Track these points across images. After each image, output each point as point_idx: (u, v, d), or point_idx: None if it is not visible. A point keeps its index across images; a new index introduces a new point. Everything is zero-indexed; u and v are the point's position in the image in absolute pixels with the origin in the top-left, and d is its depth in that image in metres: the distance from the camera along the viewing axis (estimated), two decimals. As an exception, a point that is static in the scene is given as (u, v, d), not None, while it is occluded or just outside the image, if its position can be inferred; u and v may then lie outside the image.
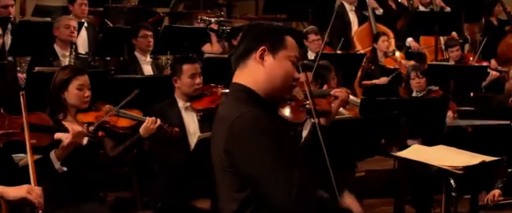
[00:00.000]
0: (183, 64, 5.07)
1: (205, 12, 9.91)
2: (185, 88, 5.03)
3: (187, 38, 7.32)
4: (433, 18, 9.22)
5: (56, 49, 6.42)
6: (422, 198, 5.83)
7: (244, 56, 2.73)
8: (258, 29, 2.79)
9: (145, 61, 6.80)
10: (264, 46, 2.69)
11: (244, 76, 2.73)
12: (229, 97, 2.77)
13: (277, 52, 2.70)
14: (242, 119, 2.58)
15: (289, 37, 2.75)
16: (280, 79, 2.71)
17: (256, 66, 2.70)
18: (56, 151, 3.66)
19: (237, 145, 2.59)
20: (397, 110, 5.35)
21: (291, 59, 2.73)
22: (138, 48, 6.83)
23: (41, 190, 3.33)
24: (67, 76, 4.31)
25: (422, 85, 6.66)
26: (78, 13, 7.67)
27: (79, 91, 4.32)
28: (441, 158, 3.69)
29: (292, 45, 2.75)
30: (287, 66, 2.72)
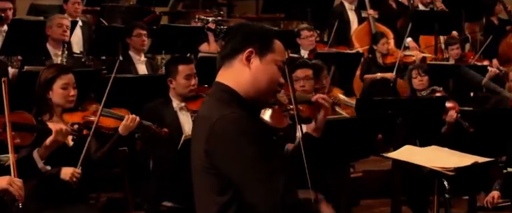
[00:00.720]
0: (179, 64, 5.01)
1: (203, 11, 9.83)
2: (180, 89, 4.96)
3: (182, 37, 7.25)
4: (433, 18, 9.15)
5: (48, 48, 6.36)
6: (418, 199, 5.76)
7: (230, 56, 2.65)
8: (247, 29, 2.73)
9: (140, 60, 6.75)
10: (251, 48, 2.62)
11: (228, 76, 2.65)
12: (211, 97, 2.69)
13: (265, 56, 2.63)
14: (224, 120, 2.51)
15: (277, 41, 2.68)
16: (265, 83, 2.64)
17: (242, 68, 2.62)
18: (39, 149, 3.59)
19: (219, 145, 2.52)
20: (393, 110, 5.28)
21: (278, 63, 2.66)
22: (132, 47, 6.78)
23: (22, 182, 3.30)
24: (51, 75, 4.24)
25: (424, 84, 6.56)
26: (71, 12, 7.62)
27: (64, 90, 4.25)
28: (432, 159, 3.62)
29: (280, 49, 2.68)
30: (273, 70, 2.64)
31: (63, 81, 4.24)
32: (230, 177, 2.51)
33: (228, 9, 12.44)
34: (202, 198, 2.63)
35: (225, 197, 2.54)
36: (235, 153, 2.49)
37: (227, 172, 2.51)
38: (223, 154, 2.51)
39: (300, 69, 5.45)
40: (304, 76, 5.42)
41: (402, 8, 10.18)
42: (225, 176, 2.52)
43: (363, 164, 6.88)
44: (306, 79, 5.41)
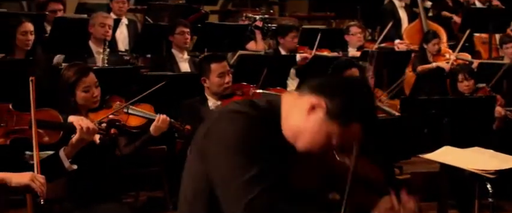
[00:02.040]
0: (211, 63, 4.94)
1: (252, 9, 9.75)
2: (214, 88, 4.89)
3: (227, 36, 7.17)
4: (487, 15, 8.85)
5: (90, 46, 6.36)
6: (465, 203, 5.54)
7: (310, 88, 2.24)
8: (344, 83, 2.29)
9: (182, 58, 6.70)
10: (326, 102, 2.18)
11: (290, 102, 2.28)
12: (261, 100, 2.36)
13: (333, 121, 2.17)
14: (237, 118, 2.23)
15: (357, 125, 2.18)
16: (308, 141, 2.21)
17: (303, 109, 2.21)
18: (65, 148, 3.54)
19: (214, 137, 2.24)
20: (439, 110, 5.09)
21: (334, 141, 2.19)
22: (175, 45, 6.74)
23: (44, 179, 3.26)
24: (72, 79, 4.16)
25: (471, 88, 6.33)
26: (116, 10, 7.63)
27: (86, 93, 4.17)
28: (473, 161, 3.43)
29: (354, 132, 2.18)
30: (324, 142, 2.20)
31: (84, 84, 4.16)
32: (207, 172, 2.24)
33: (280, 8, 12.35)
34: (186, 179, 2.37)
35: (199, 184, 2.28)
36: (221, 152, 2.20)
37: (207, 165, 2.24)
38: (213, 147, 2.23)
39: (348, 70, 5.34)
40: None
41: (458, 5, 9.91)
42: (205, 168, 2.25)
43: (411, 165, 6.67)
44: None
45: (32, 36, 5.72)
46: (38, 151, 3.33)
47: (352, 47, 8.13)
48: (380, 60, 6.86)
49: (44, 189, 3.24)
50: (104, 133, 3.78)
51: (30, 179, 3.23)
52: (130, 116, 4.34)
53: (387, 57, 7.24)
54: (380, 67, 6.93)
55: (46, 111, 3.60)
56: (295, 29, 7.54)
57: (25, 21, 5.71)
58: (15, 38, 5.68)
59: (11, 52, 5.73)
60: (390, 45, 8.62)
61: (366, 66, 5.98)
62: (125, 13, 7.83)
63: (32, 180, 3.23)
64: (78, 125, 3.52)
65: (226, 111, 2.29)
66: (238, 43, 7.50)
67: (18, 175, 3.25)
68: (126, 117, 4.33)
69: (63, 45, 6.24)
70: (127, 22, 7.76)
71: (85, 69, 4.28)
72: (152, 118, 4.32)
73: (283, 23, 8.01)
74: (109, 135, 3.90)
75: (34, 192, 3.25)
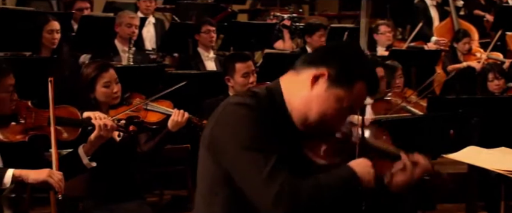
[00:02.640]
0: (236, 62, 4.88)
1: (281, 8, 9.69)
2: (238, 87, 4.83)
3: (254, 35, 7.13)
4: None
5: (116, 44, 6.36)
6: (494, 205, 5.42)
7: (306, 64, 2.29)
8: (339, 50, 2.33)
9: (208, 57, 6.67)
10: (328, 70, 2.23)
11: (289, 81, 2.31)
12: (265, 88, 2.36)
13: (336, 87, 2.22)
14: (241, 107, 2.22)
15: (362, 85, 2.24)
16: (316, 113, 2.25)
17: (305, 84, 2.25)
18: (84, 145, 3.52)
19: (219, 130, 2.24)
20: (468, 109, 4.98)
21: (344, 105, 2.24)
22: (201, 44, 6.72)
23: (62, 175, 3.28)
24: (92, 75, 4.15)
25: (501, 87, 6.20)
26: (143, 9, 7.63)
27: (106, 89, 4.15)
28: (499, 162, 3.31)
29: (359, 93, 2.25)
30: (332, 108, 2.24)
31: (104, 80, 4.14)
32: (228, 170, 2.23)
33: (310, 7, 12.28)
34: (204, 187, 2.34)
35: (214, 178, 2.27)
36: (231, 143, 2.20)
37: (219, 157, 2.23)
38: (222, 139, 2.22)
39: None
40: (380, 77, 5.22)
41: (491, 4, 9.75)
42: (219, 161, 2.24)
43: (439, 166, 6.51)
44: (381, 80, 5.23)
45: (58, 35, 5.74)
46: (56, 148, 3.32)
47: (381, 46, 8.01)
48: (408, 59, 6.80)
49: (62, 185, 3.26)
50: (123, 130, 3.76)
51: (48, 175, 3.24)
52: (149, 113, 4.31)
53: (416, 56, 7.12)
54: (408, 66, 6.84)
55: (65, 108, 3.59)
56: (322, 28, 7.48)
57: (51, 19, 5.73)
58: (42, 36, 5.71)
59: (38, 51, 5.75)
60: (420, 45, 8.50)
61: (395, 65, 5.89)
62: (152, 12, 7.82)
63: (49, 176, 3.24)
64: (96, 123, 3.50)
65: (230, 104, 2.27)
66: (265, 42, 7.45)
67: (36, 172, 3.26)
68: (146, 114, 4.30)
69: (90, 44, 6.25)
70: (154, 21, 7.75)
71: (105, 65, 4.27)
72: (170, 113, 4.28)
73: (310, 22, 7.94)
74: (128, 132, 3.87)
75: (52, 188, 3.26)
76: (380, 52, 7.88)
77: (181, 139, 4.96)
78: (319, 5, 12.44)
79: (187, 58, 6.80)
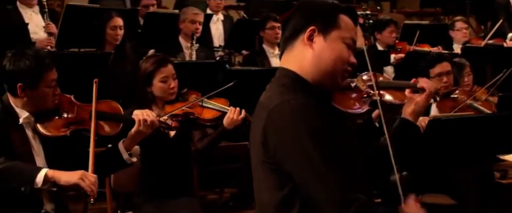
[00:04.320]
0: None
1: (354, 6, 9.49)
2: None
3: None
4: None
5: (180, 41, 6.35)
6: None
7: (292, 37, 2.43)
8: (308, 6, 2.46)
9: (274, 54, 6.57)
10: (313, 26, 2.38)
11: (290, 60, 2.43)
12: (273, 83, 2.44)
13: (329, 33, 2.37)
14: (283, 108, 2.26)
15: (344, 16, 2.41)
16: (331, 63, 2.37)
17: (304, 49, 2.39)
18: (125, 141, 3.49)
19: (276, 138, 2.27)
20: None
21: (346, 41, 2.39)
22: (266, 41, 6.64)
23: (96, 178, 3.22)
24: (149, 69, 4.14)
25: None
26: (213, 6, 7.61)
27: (163, 84, 4.15)
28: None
29: (347, 25, 2.41)
30: (340, 49, 2.38)
31: (162, 75, 4.14)
32: (289, 173, 2.26)
33: (391, 4, 12.03)
34: (261, 191, 2.40)
35: (284, 191, 2.30)
36: (293, 147, 2.24)
37: (285, 167, 2.26)
38: (281, 147, 2.26)
39: (438, 63, 5.07)
40: (446, 71, 5.04)
41: None
42: (284, 171, 2.27)
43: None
44: (448, 74, 5.04)
45: (121, 31, 5.77)
46: (94, 146, 3.30)
47: (457, 43, 7.70)
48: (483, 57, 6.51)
49: (94, 188, 3.19)
50: (166, 127, 3.71)
51: (80, 178, 3.18)
52: (205, 110, 4.27)
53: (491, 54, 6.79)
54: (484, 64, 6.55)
55: (107, 103, 3.58)
56: (392, 23, 7.26)
57: (115, 16, 5.77)
58: (105, 33, 5.75)
59: (102, 47, 5.80)
60: (500, 42, 8.13)
61: (463, 63, 5.65)
62: (221, 9, 7.79)
63: (82, 179, 3.18)
64: (136, 118, 3.47)
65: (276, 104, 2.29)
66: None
67: (68, 174, 3.22)
68: (201, 110, 4.26)
69: (154, 40, 6.25)
70: (222, 18, 7.71)
71: (163, 60, 4.26)
72: (226, 111, 4.22)
73: (380, 18, 7.73)
74: (171, 130, 3.83)
75: (83, 191, 3.21)
76: (457, 49, 7.60)
77: (240, 136, 4.88)
78: (400, 2, 12.19)
79: (253, 55, 6.72)
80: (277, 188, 2.31)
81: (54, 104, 3.42)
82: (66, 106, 3.47)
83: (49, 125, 3.40)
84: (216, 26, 7.53)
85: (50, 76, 3.34)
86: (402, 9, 11.34)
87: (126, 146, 3.50)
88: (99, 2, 7.50)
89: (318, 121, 2.25)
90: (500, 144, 4.14)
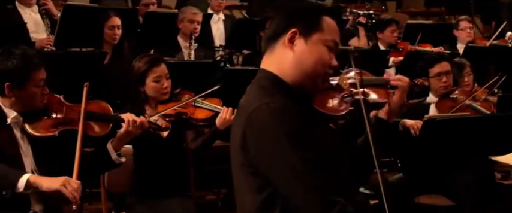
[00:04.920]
0: None
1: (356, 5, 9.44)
2: None
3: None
4: None
5: (179, 40, 6.31)
6: None
7: (273, 38, 2.39)
8: (291, 8, 2.42)
9: (272, 53, 6.50)
10: (295, 28, 2.34)
11: (271, 62, 2.39)
12: (253, 85, 2.41)
13: (311, 36, 2.33)
14: (262, 111, 2.22)
15: (327, 18, 2.37)
16: (312, 66, 2.33)
17: (285, 51, 2.35)
18: (113, 141, 3.47)
19: (255, 141, 2.23)
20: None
21: (328, 44, 2.35)
22: (265, 40, 6.56)
23: (79, 184, 3.16)
24: (143, 68, 4.13)
25: None
26: (214, 6, 7.57)
27: (157, 83, 4.14)
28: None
29: (330, 28, 2.37)
30: (321, 52, 2.34)
31: (155, 74, 4.13)
32: (269, 176, 2.23)
33: (397, 4, 11.96)
34: (242, 195, 2.36)
35: (263, 194, 2.26)
36: (272, 150, 2.20)
37: (265, 170, 2.23)
38: (260, 150, 2.22)
39: (437, 63, 5.03)
40: (446, 71, 4.99)
41: None
42: (264, 174, 2.23)
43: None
44: (448, 74, 4.99)
45: (119, 31, 5.74)
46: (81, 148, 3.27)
47: (461, 43, 7.63)
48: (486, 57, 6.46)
49: (77, 195, 3.13)
50: (156, 127, 3.69)
51: (62, 184, 3.12)
52: (198, 110, 4.25)
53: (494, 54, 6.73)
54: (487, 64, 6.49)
55: (97, 103, 3.56)
56: (394, 23, 7.21)
57: (112, 15, 5.74)
58: (103, 32, 5.73)
59: (100, 47, 5.77)
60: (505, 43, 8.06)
61: (463, 63, 5.59)
62: (223, 9, 7.76)
63: (64, 186, 3.12)
64: (125, 118, 3.45)
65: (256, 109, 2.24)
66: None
67: (51, 179, 3.17)
68: (194, 110, 4.24)
69: (153, 40, 6.22)
70: (224, 18, 7.67)
71: (156, 59, 4.24)
72: (219, 110, 4.19)
73: (381, 17, 7.67)
74: (161, 130, 3.80)
75: (65, 198, 3.15)
76: (460, 49, 7.53)
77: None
78: (406, 2, 12.11)
79: (254, 54, 6.68)
80: (257, 192, 2.27)
81: (43, 104, 3.40)
82: (55, 106, 3.44)
83: (38, 126, 3.37)
84: (217, 25, 7.49)
85: (38, 76, 3.31)
86: (407, 8, 11.26)
87: (115, 146, 3.48)
88: (100, 2, 7.49)
89: (297, 123, 2.22)
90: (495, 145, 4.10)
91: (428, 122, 4.11)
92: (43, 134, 3.36)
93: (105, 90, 4.94)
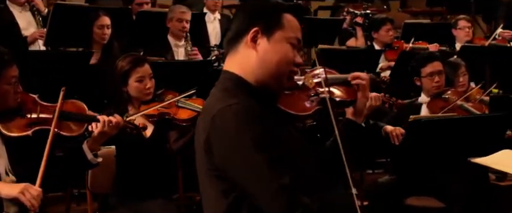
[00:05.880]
0: None
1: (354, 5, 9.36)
2: None
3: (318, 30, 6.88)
4: None
5: (169, 39, 6.24)
6: None
7: (235, 39, 2.35)
8: (251, 7, 2.40)
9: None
10: (256, 27, 2.30)
11: (234, 63, 2.34)
12: (216, 88, 2.36)
13: (273, 34, 2.30)
14: (225, 114, 2.18)
15: (288, 16, 2.33)
16: (276, 64, 2.29)
17: (248, 51, 2.31)
18: (89, 141, 3.41)
19: (219, 144, 2.19)
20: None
21: (291, 41, 2.32)
22: (258, 39, 6.50)
23: (39, 191, 3.10)
24: (125, 69, 4.07)
25: None
26: (210, 5, 7.52)
27: (139, 84, 4.08)
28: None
29: (292, 25, 2.33)
30: (284, 49, 2.30)
31: (138, 74, 4.08)
32: (234, 179, 2.18)
33: (401, 3, 11.88)
34: (208, 199, 2.31)
35: (229, 198, 2.22)
36: (236, 152, 2.15)
37: (230, 173, 2.18)
38: (224, 153, 2.18)
39: (429, 63, 4.96)
40: (438, 71, 4.92)
41: None
42: (229, 178, 2.19)
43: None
44: (440, 74, 4.93)
45: (108, 30, 5.69)
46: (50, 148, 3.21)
47: (459, 42, 7.53)
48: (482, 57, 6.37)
49: (35, 203, 3.06)
50: (132, 127, 3.64)
51: (20, 191, 3.05)
52: (181, 110, 4.20)
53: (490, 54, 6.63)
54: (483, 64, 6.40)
55: (72, 103, 3.51)
56: (388, 22, 7.12)
57: (102, 14, 5.69)
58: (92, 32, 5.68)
59: (89, 46, 5.73)
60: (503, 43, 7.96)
61: (458, 62, 5.52)
62: (219, 8, 7.70)
63: (22, 193, 3.05)
64: (101, 118, 3.39)
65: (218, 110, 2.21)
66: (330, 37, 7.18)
67: (10, 186, 3.11)
68: (177, 110, 4.19)
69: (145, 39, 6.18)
70: (219, 17, 7.61)
71: (139, 59, 4.20)
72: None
73: (375, 17, 7.58)
74: (138, 130, 3.74)
75: (22, 204, 3.08)
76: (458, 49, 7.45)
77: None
78: (409, 2, 12.02)
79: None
80: (223, 196, 2.23)
81: (16, 103, 3.34)
82: (29, 105, 3.39)
83: (11, 125, 3.31)
84: (213, 25, 7.44)
85: (10, 73, 3.24)
86: (409, 8, 11.18)
87: (90, 146, 3.42)
88: (96, 2, 7.45)
89: (261, 124, 2.17)
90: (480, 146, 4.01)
91: (414, 122, 4.04)
92: (17, 134, 3.31)
93: (94, 90, 4.91)
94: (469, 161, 3.55)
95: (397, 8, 11.55)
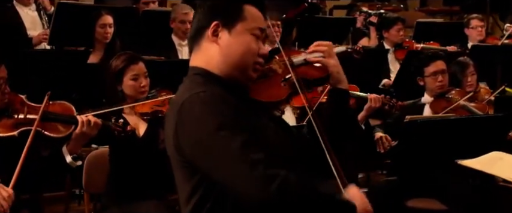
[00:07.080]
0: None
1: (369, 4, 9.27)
2: None
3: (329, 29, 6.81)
4: None
5: (173, 39, 6.19)
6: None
7: (197, 35, 2.32)
8: (210, 1, 2.35)
9: (270, 51, 6.38)
10: (217, 21, 2.28)
11: (198, 58, 2.32)
12: (184, 82, 2.32)
13: (234, 26, 2.27)
14: (192, 102, 2.14)
15: (248, 7, 2.30)
16: (239, 57, 2.27)
17: (211, 45, 2.29)
18: (68, 143, 3.38)
19: (188, 133, 2.14)
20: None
21: (254, 32, 2.29)
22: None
23: (10, 193, 3.08)
24: (120, 67, 4.02)
25: None
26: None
27: (134, 82, 4.01)
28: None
29: (253, 16, 2.30)
30: (247, 41, 2.28)
31: (132, 73, 4.01)
32: (206, 169, 2.12)
33: (421, 2, 11.76)
34: (182, 193, 2.27)
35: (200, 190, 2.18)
36: (206, 139, 2.09)
37: (201, 163, 2.12)
38: (194, 142, 2.12)
39: (432, 62, 4.89)
40: (441, 70, 4.84)
41: None
42: (201, 168, 2.14)
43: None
44: (443, 73, 4.86)
45: (111, 29, 5.66)
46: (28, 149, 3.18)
47: (472, 42, 7.40)
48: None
49: (5, 204, 3.05)
50: (120, 129, 3.59)
51: None
52: None
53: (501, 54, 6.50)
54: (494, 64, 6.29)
55: (59, 104, 3.49)
56: (400, 21, 7.01)
57: (104, 13, 5.66)
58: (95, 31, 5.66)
59: (92, 46, 5.71)
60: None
61: (467, 62, 5.42)
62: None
63: None
64: (79, 119, 3.35)
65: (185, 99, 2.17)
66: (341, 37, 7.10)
67: None
68: None
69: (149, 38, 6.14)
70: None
71: (134, 57, 4.13)
72: None
73: (386, 16, 7.47)
74: (125, 132, 3.69)
75: None
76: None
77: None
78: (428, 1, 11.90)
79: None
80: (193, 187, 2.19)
81: (3, 103, 3.33)
82: (16, 106, 3.38)
83: None
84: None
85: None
86: (425, 7, 11.05)
87: (71, 148, 3.38)
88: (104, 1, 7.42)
89: (229, 109, 2.13)
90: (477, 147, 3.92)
91: (410, 123, 3.97)
92: (3, 134, 3.30)
93: (96, 89, 4.88)
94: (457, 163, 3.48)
95: (415, 7, 11.47)
